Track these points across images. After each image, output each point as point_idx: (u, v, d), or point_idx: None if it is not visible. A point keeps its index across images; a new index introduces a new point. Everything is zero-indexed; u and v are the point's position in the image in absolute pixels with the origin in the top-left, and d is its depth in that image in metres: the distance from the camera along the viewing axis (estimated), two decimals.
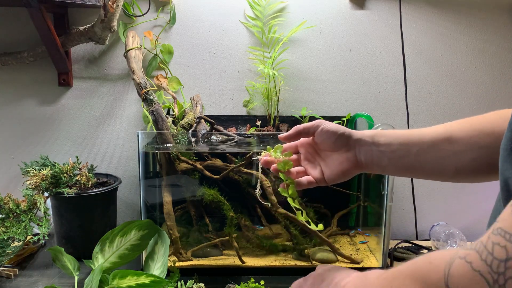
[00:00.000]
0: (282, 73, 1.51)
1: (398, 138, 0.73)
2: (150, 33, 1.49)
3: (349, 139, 0.75)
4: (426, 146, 0.71)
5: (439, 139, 0.71)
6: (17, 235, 1.18)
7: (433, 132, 0.72)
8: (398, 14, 1.54)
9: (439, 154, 0.71)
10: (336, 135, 0.76)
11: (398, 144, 0.73)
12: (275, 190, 1.34)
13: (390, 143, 0.73)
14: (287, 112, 1.57)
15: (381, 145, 0.74)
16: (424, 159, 0.72)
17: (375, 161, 0.74)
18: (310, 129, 0.78)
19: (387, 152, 0.73)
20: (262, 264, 1.33)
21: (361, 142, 0.75)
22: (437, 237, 1.51)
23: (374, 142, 0.74)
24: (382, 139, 0.74)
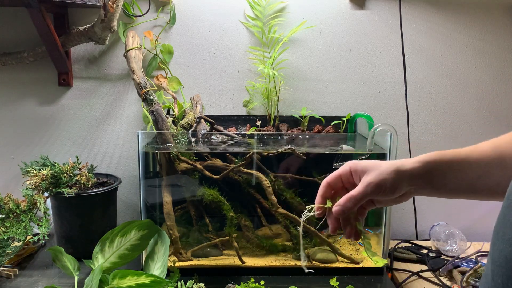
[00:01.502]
0: (282, 73, 1.51)
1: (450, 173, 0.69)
2: (150, 33, 1.49)
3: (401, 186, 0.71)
4: (477, 174, 0.69)
5: (490, 164, 0.68)
6: (17, 235, 1.18)
7: (483, 156, 0.69)
8: (398, 14, 1.54)
9: (491, 181, 0.68)
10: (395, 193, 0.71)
11: (450, 180, 0.70)
12: (275, 190, 1.34)
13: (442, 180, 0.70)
14: (287, 112, 1.57)
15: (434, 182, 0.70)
16: (475, 188, 0.70)
17: (427, 193, 0.73)
18: (371, 195, 0.72)
19: (439, 188, 0.71)
20: (262, 264, 1.33)
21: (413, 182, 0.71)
22: (437, 237, 1.51)
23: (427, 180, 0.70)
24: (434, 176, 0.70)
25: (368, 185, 0.70)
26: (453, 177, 0.70)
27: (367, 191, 0.70)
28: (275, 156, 1.32)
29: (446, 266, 1.35)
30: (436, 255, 1.47)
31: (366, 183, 0.71)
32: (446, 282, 1.30)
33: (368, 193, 0.71)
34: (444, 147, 1.62)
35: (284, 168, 1.38)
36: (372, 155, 1.35)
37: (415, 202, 1.65)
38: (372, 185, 0.70)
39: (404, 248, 1.51)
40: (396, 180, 0.70)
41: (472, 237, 1.61)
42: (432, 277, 1.34)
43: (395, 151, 1.26)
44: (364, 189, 0.70)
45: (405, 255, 1.46)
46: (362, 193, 0.71)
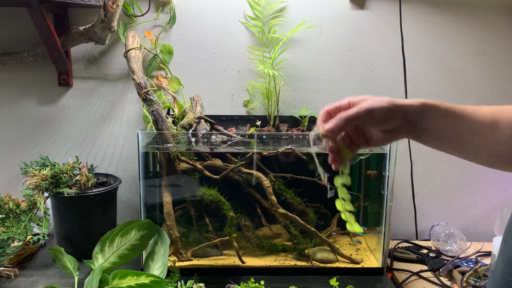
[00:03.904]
0: (282, 73, 1.51)
1: (444, 119, 0.71)
2: (150, 33, 1.49)
3: (398, 117, 0.73)
4: (468, 129, 0.70)
5: (483, 123, 0.69)
6: (17, 235, 1.18)
7: (479, 114, 0.70)
8: (398, 14, 1.54)
9: (479, 140, 0.69)
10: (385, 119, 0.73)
11: (442, 126, 0.71)
12: (275, 190, 1.34)
13: (435, 123, 0.72)
14: (287, 112, 1.57)
15: (425, 123, 0.72)
16: (462, 142, 0.71)
17: (417, 135, 0.74)
18: (361, 118, 0.73)
19: (430, 131, 0.72)
20: (262, 264, 1.33)
21: (407, 118, 0.72)
22: (437, 237, 1.51)
23: (420, 119, 0.72)
24: (428, 117, 0.72)
25: (361, 108, 0.72)
26: (445, 124, 0.71)
27: (359, 112, 0.72)
28: (275, 156, 1.32)
29: (446, 266, 1.35)
30: (436, 255, 1.47)
31: (359, 106, 0.73)
32: (446, 282, 1.30)
33: (360, 115, 0.72)
34: None
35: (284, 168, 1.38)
36: (372, 155, 1.35)
37: (415, 202, 1.65)
38: (364, 108, 0.72)
39: (404, 248, 1.52)
40: (390, 110, 0.71)
41: (472, 237, 1.61)
42: (432, 277, 1.34)
43: (395, 151, 1.26)
44: (357, 111, 0.72)
45: (405, 255, 1.46)
46: (353, 113, 0.72)
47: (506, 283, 0.61)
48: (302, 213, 1.37)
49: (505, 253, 0.63)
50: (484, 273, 1.28)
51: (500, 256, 0.65)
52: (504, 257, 0.63)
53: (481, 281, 1.25)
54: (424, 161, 1.63)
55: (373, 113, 0.72)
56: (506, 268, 0.61)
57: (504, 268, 0.62)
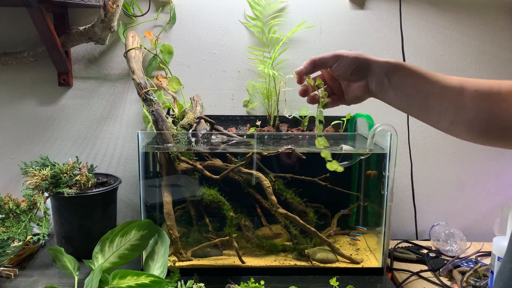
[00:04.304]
0: (282, 73, 1.51)
1: (411, 78, 0.73)
2: (150, 33, 1.49)
3: (365, 70, 0.77)
4: (434, 92, 0.72)
5: (450, 89, 0.71)
6: (17, 235, 1.18)
7: (447, 80, 0.72)
8: (398, 14, 1.54)
9: (444, 104, 0.71)
10: (352, 68, 0.77)
11: (409, 84, 0.73)
12: (275, 190, 1.34)
13: (402, 81, 0.74)
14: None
15: (393, 81, 0.74)
16: (426, 105, 0.72)
17: (384, 92, 0.76)
18: (327, 61, 0.79)
19: (396, 89, 0.74)
20: (262, 264, 1.33)
21: (375, 72, 0.76)
22: (437, 237, 1.51)
23: (388, 76, 0.75)
24: (396, 75, 0.74)
25: (330, 53, 0.79)
26: (412, 83, 0.73)
27: (326, 56, 0.79)
28: (275, 156, 1.32)
29: (446, 266, 1.35)
30: (436, 255, 1.47)
31: (329, 52, 0.79)
32: (446, 282, 1.30)
33: (326, 58, 0.79)
34: (444, 147, 1.62)
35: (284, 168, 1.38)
36: (372, 155, 1.35)
37: (415, 202, 1.65)
38: (332, 53, 0.79)
39: (404, 248, 1.52)
40: (356, 60, 0.77)
41: (472, 237, 1.61)
42: (432, 277, 1.34)
43: (395, 151, 1.26)
44: (326, 55, 0.79)
45: (405, 255, 1.46)
46: (320, 56, 0.80)
47: None
48: (302, 213, 1.37)
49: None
50: (484, 273, 1.28)
51: (507, 256, 0.64)
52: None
53: (481, 281, 1.25)
54: (424, 161, 1.63)
55: (339, 59, 0.77)
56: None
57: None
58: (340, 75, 0.80)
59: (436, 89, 0.71)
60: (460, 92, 0.69)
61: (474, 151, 1.63)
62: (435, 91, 0.71)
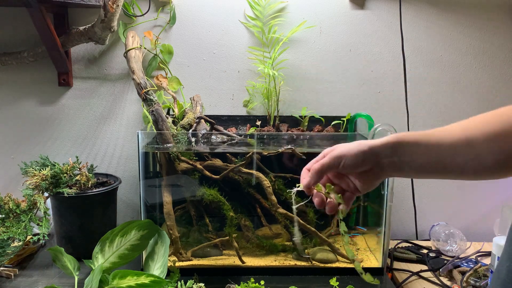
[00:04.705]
0: (282, 73, 1.51)
1: (419, 147, 0.72)
2: (150, 33, 1.49)
3: (371, 159, 0.74)
4: (445, 152, 0.70)
5: (458, 144, 0.70)
6: (17, 235, 1.18)
7: (452, 136, 0.71)
8: (398, 14, 1.54)
9: (459, 160, 0.70)
10: (360, 161, 0.74)
11: (419, 154, 0.72)
12: (275, 190, 1.34)
13: (411, 155, 0.72)
14: (287, 112, 1.57)
15: (402, 157, 0.73)
16: (443, 165, 0.71)
17: (397, 169, 0.74)
18: (332, 166, 0.75)
19: (409, 161, 0.73)
20: (262, 264, 1.33)
21: (382, 156, 0.73)
22: (437, 237, 1.51)
23: (397, 153, 0.73)
24: (403, 151, 0.73)
25: (330, 156, 0.74)
26: (421, 153, 0.71)
27: (329, 161, 0.74)
28: (275, 156, 1.32)
29: (446, 266, 1.35)
30: (436, 255, 1.47)
31: (329, 155, 0.75)
32: (446, 282, 1.30)
33: (330, 163, 0.74)
34: None
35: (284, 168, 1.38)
36: None
37: (415, 202, 1.65)
38: (333, 156, 0.74)
39: (404, 248, 1.52)
40: (360, 152, 0.73)
41: (472, 237, 1.61)
42: (432, 277, 1.34)
43: None
44: (327, 159, 0.75)
45: (405, 255, 1.46)
46: (323, 162, 0.75)
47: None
48: (302, 213, 1.37)
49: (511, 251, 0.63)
50: (484, 273, 1.28)
51: (505, 255, 0.64)
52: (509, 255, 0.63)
53: (481, 281, 1.25)
54: None
55: (342, 159, 0.73)
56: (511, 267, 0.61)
57: (509, 267, 0.62)
58: (349, 171, 0.77)
59: (445, 151, 0.70)
60: (469, 143, 0.69)
61: None
62: (445, 152, 0.70)
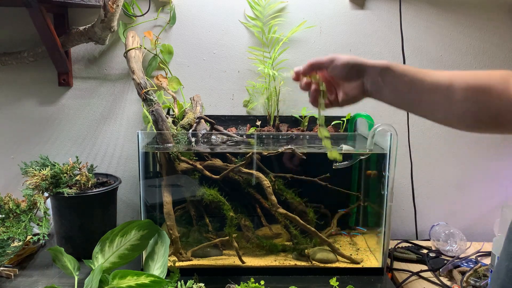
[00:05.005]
0: (282, 73, 1.51)
1: (404, 76, 0.78)
2: (150, 33, 1.49)
3: (360, 70, 0.82)
4: (426, 88, 0.76)
5: (440, 84, 0.74)
6: (17, 235, 1.18)
7: (437, 77, 0.75)
8: (398, 14, 1.54)
9: (435, 98, 0.75)
10: (347, 69, 0.82)
11: (402, 82, 0.78)
12: (275, 190, 1.34)
13: (395, 80, 0.79)
14: (287, 112, 1.57)
15: (386, 80, 0.79)
16: (420, 100, 0.77)
17: (379, 91, 0.82)
18: (324, 64, 0.85)
19: (390, 87, 0.79)
20: (262, 264, 1.33)
21: (369, 73, 0.81)
22: (437, 237, 1.51)
23: (381, 76, 0.80)
24: (388, 75, 0.79)
25: (326, 56, 0.85)
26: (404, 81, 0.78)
27: (324, 59, 0.84)
28: (275, 156, 1.32)
29: (446, 266, 1.36)
30: (436, 255, 1.47)
31: (332, 56, 0.84)
32: (446, 282, 1.30)
33: (323, 61, 0.84)
34: (444, 147, 1.62)
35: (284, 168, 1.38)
36: (372, 155, 1.35)
37: (415, 202, 1.65)
38: (328, 57, 0.84)
39: (404, 248, 1.52)
40: (351, 61, 0.82)
41: (472, 237, 1.61)
42: (432, 277, 1.34)
43: (395, 151, 1.26)
44: (323, 58, 0.85)
45: (405, 255, 1.46)
46: (317, 59, 0.85)
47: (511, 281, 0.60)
48: (302, 213, 1.37)
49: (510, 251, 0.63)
50: (484, 273, 1.28)
51: (503, 254, 0.65)
52: (508, 255, 0.63)
53: (481, 281, 1.25)
54: (424, 161, 1.63)
55: (334, 62, 0.83)
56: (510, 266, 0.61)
57: (508, 266, 0.62)
58: (336, 75, 0.85)
59: (427, 86, 0.75)
60: (450, 86, 0.73)
61: (474, 152, 1.63)
62: (426, 87, 0.75)
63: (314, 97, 0.89)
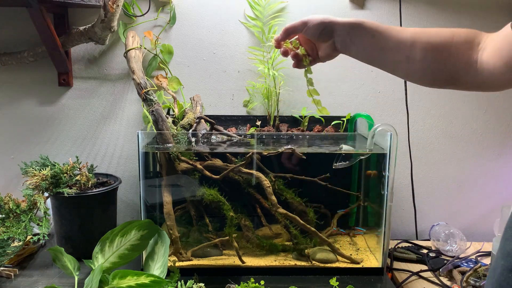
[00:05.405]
0: (282, 73, 1.51)
1: (369, 35, 0.83)
2: (150, 33, 1.49)
3: (330, 31, 0.88)
4: (389, 47, 0.81)
5: (402, 44, 0.79)
6: (17, 235, 1.18)
7: (401, 35, 0.80)
8: (398, 14, 1.54)
9: (398, 57, 0.80)
10: (319, 30, 0.89)
11: (367, 41, 0.84)
12: (275, 190, 1.35)
13: (361, 39, 0.84)
14: (287, 112, 1.57)
15: (354, 38, 0.86)
16: (384, 59, 0.83)
17: (347, 49, 0.89)
18: (297, 28, 0.91)
19: (357, 45, 0.86)
20: (262, 264, 1.33)
21: (339, 33, 0.87)
22: (437, 237, 1.52)
23: (349, 35, 0.86)
24: (356, 33, 0.85)
25: (299, 20, 0.91)
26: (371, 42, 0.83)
27: (296, 23, 0.91)
28: (275, 156, 1.32)
29: (446, 266, 1.36)
30: (436, 255, 1.47)
31: (300, 19, 0.91)
32: (446, 282, 1.30)
33: (296, 26, 0.91)
34: (444, 147, 1.63)
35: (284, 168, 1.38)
36: (372, 155, 1.35)
37: (415, 202, 1.65)
38: (300, 20, 0.91)
39: (404, 248, 1.52)
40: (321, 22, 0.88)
41: (472, 237, 1.61)
42: (432, 277, 1.34)
43: (395, 151, 1.26)
44: (296, 22, 0.92)
45: (405, 255, 1.46)
46: (291, 24, 0.92)
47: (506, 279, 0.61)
48: (302, 213, 1.37)
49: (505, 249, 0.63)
50: (484, 273, 1.28)
51: (499, 253, 0.65)
52: (504, 254, 0.63)
53: (481, 281, 1.25)
54: (424, 161, 1.63)
55: (306, 24, 0.89)
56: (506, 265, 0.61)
57: (504, 265, 0.62)
58: (311, 37, 0.92)
59: (390, 44, 0.81)
60: (412, 45, 0.77)
61: (474, 151, 1.64)
62: (389, 46, 0.80)
63: (296, 61, 0.96)
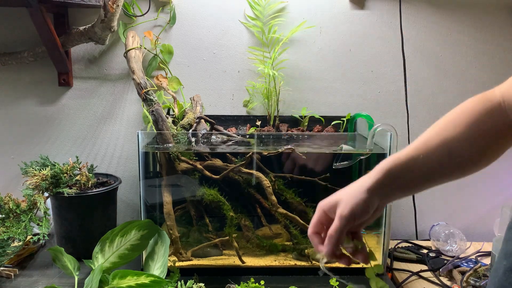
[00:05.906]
0: (282, 73, 1.51)
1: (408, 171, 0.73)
2: (150, 33, 1.49)
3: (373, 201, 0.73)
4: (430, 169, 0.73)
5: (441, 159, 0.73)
6: (17, 235, 1.18)
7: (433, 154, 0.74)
8: (398, 14, 1.54)
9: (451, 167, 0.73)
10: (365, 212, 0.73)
11: (412, 177, 0.73)
12: (275, 190, 1.34)
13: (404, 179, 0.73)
14: (287, 112, 1.57)
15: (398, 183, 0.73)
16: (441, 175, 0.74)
17: (400, 193, 0.75)
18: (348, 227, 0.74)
19: (407, 183, 0.74)
20: (262, 264, 1.33)
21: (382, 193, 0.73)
22: (437, 237, 1.51)
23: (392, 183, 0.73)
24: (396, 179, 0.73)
25: (341, 217, 0.72)
26: (413, 175, 0.72)
27: (342, 223, 0.72)
28: (275, 156, 1.32)
29: (446, 266, 1.35)
30: (436, 255, 1.47)
31: (339, 216, 0.72)
32: (446, 282, 1.30)
33: (344, 225, 0.72)
34: None
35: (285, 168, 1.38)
36: (372, 155, 1.35)
37: (415, 202, 1.65)
38: (344, 217, 0.72)
39: (404, 248, 1.52)
40: (365, 199, 0.72)
41: (472, 237, 1.61)
42: (432, 277, 1.34)
43: (395, 151, 1.26)
44: (339, 223, 0.72)
45: (405, 255, 1.46)
46: (338, 228, 0.72)
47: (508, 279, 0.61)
48: (302, 213, 1.37)
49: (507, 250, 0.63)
50: (484, 273, 1.28)
51: (501, 254, 0.65)
52: (506, 255, 0.63)
53: (481, 281, 1.25)
54: None
55: (354, 214, 0.72)
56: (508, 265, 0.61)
57: (506, 265, 0.62)
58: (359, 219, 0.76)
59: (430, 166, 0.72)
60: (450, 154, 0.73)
61: None
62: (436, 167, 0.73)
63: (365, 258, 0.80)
